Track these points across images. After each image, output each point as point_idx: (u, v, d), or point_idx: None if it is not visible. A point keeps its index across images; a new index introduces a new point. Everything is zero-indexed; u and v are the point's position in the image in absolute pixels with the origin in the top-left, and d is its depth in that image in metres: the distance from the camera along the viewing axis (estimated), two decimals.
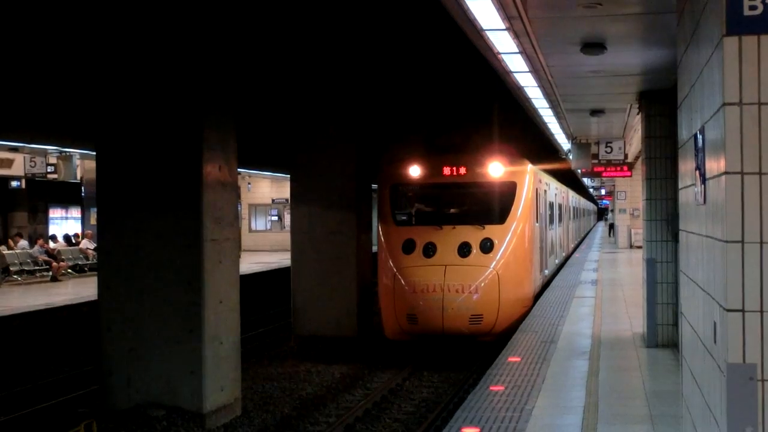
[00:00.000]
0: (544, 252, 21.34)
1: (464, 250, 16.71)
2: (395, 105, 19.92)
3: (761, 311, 4.22)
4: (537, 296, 19.13)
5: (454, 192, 18.28)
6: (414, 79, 17.47)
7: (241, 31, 13.46)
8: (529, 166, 18.55)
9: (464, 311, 16.16)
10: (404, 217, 18.32)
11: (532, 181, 18.30)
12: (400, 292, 16.61)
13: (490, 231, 17.02)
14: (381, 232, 17.84)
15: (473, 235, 16.91)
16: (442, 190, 18.27)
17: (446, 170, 17.79)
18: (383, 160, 19.18)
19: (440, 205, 18.50)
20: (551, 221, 24.39)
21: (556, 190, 26.67)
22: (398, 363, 17.26)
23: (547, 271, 22.34)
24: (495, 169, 17.59)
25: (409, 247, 16.97)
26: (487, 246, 16.79)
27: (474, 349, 17.02)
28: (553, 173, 28.40)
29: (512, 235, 17.14)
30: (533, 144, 23.51)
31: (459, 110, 21.18)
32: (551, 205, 24.46)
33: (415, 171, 17.84)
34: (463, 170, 17.73)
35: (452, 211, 18.40)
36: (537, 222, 19.24)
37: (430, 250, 16.78)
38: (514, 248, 17.12)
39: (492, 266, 16.57)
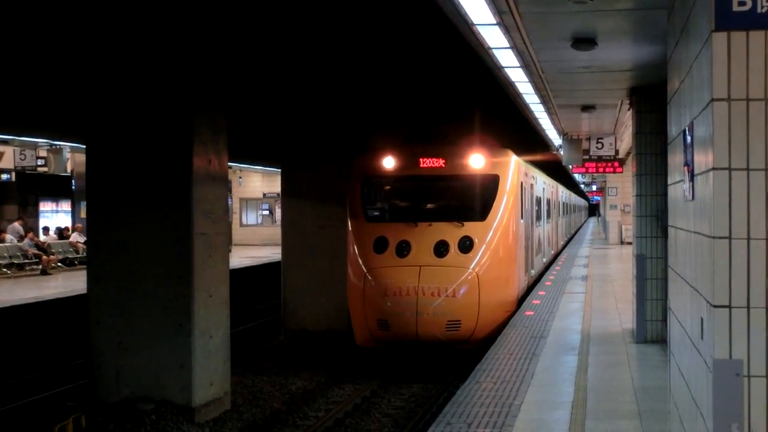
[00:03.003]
0: (529, 251, 19.88)
1: (441, 249, 15.29)
2: (384, 96, 19.82)
3: (748, 307, 4.22)
4: (522, 299, 17.95)
5: (431, 185, 16.77)
6: (403, 71, 17.36)
7: (232, 24, 13.42)
8: (513, 158, 17.20)
9: (440, 316, 14.73)
10: (376, 213, 16.84)
11: (516, 174, 17.00)
12: (370, 295, 15.14)
13: (470, 228, 15.62)
14: (351, 229, 16.41)
15: (451, 232, 15.51)
16: (418, 184, 16.72)
17: (423, 162, 16.38)
18: (357, 150, 17.96)
19: (416, 200, 16.88)
20: (538, 217, 22.94)
21: (544, 185, 25.21)
22: (389, 358, 17.21)
23: (533, 271, 20.99)
24: (476, 160, 16.27)
25: (380, 245, 15.52)
26: (466, 245, 15.38)
27: (455, 355, 15.64)
28: (542, 167, 27.14)
29: (494, 233, 15.76)
30: (519, 135, 22.16)
31: (444, 100, 20.32)
32: (538, 201, 22.94)
33: (388, 162, 16.43)
34: (441, 162, 16.33)
35: (429, 206, 16.79)
36: (522, 218, 17.98)
37: (403, 249, 15.34)
38: (496, 247, 15.74)
39: (471, 267, 15.17)
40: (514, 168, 16.87)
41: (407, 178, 16.66)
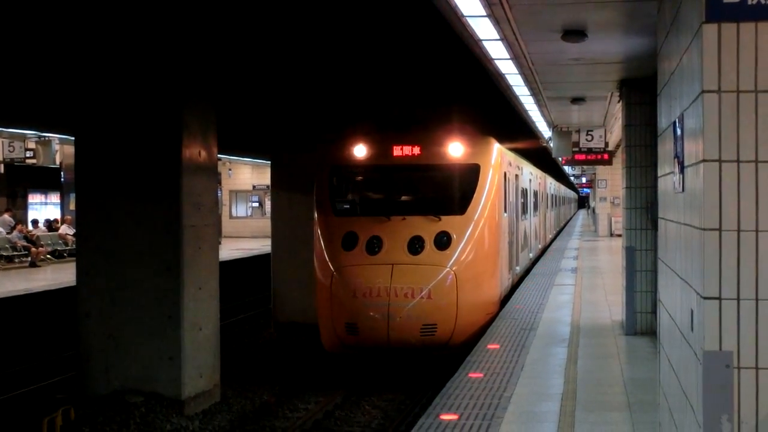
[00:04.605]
0: (514, 247, 18.55)
1: (416, 246, 13.97)
2: (373, 87, 19.68)
3: (738, 299, 4.23)
4: (506, 298, 16.70)
5: (406, 176, 15.37)
6: (391, 61, 17.17)
7: (222, 15, 13.37)
8: (496, 146, 15.77)
9: (414, 320, 13.43)
10: (345, 206, 15.49)
11: (499, 164, 15.62)
12: (338, 297, 13.84)
13: (448, 223, 14.29)
14: (317, 223, 15.02)
15: (427, 227, 14.17)
16: (391, 174, 15.34)
17: (396, 150, 14.98)
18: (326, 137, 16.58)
19: (388, 192, 15.53)
20: (524, 210, 21.56)
21: (530, 175, 23.90)
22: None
23: (518, 268, 19.71)
24: (454, 148, 14.93)
25: (349, 241, 14.19)
26: (443, 241, 14.07)
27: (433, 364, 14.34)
28: (530, 158, 26.08)
29: (474, 228, 14.41)
30: (504, 123, 20.86)
31: (427, 86, 19.41)
32: (524, 192, 21.57)
33: (359, 150, 15.06)
34: (416, 150, 14.97)
35: (403, 198, 15.54)
36: (506, 212, 16.64)
37: (375, 245, 14.00)
38: (476, 244, 14.39)
39: (449, 265, 13.87)
40: (496, 157, 15.56)
41: (379, 168, 15.34)
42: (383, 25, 13.97)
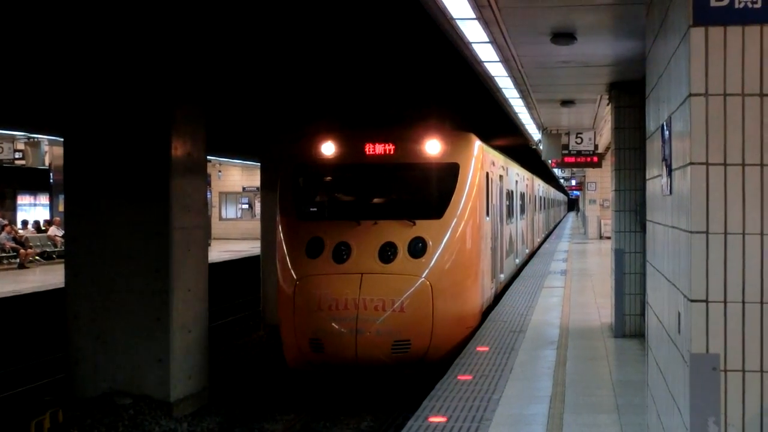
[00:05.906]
0: (497, 253, 17.24)
1: (388, 253, 12.74)
2: (361, 90, 19.68)
3: (725, 302, 4.24)
4: (489, 309, 15.54)
5: (377, 176, 13.99)
6: (379, 63, 17.15)
7: (211, 18, 13.37)
8: (477, 143, 14.40)
9: (385, 335, 12.22)
10: (311, 209, 14.09)
11: (480, 162, 14.32)
12: (301, 309, 12.52)
13: (423, 228, 13.05)
14: (280, 228, 13.65)
15: (400, 233, 12.93)
16: (362, 174, 14.02)
17: (368, 148, 13.76)
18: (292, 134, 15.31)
19: (358, 194, 14.17)
20: (510, 214, 20.34)
21: (517, 176, 22.67)
22: None
23: (503, 276, 18.42)
24: (430, 146, 13.68)
25: (315, 248, 12.91)
26: (417, 248, 12.83)
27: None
28: (518, 159, 25.20)
29: (452, 234, 13.17)
30: (489, 120, 20.35)
31: (409, 80, 17.92)
32: (510, 194, 20.32)
33: (327, 149, 13.82)
34: (389, 148, 13.72)
35: (374, 201, 14.08)
36: (488, 215, 15.37)
37: (342, 253, 12.77)
38: (454, 251, 13.15)
39: (424, 275, 12.60)
40: (477, 155, 14.21)
41: (348, 168, 14.10)
42: (373, 28, 13.97)
